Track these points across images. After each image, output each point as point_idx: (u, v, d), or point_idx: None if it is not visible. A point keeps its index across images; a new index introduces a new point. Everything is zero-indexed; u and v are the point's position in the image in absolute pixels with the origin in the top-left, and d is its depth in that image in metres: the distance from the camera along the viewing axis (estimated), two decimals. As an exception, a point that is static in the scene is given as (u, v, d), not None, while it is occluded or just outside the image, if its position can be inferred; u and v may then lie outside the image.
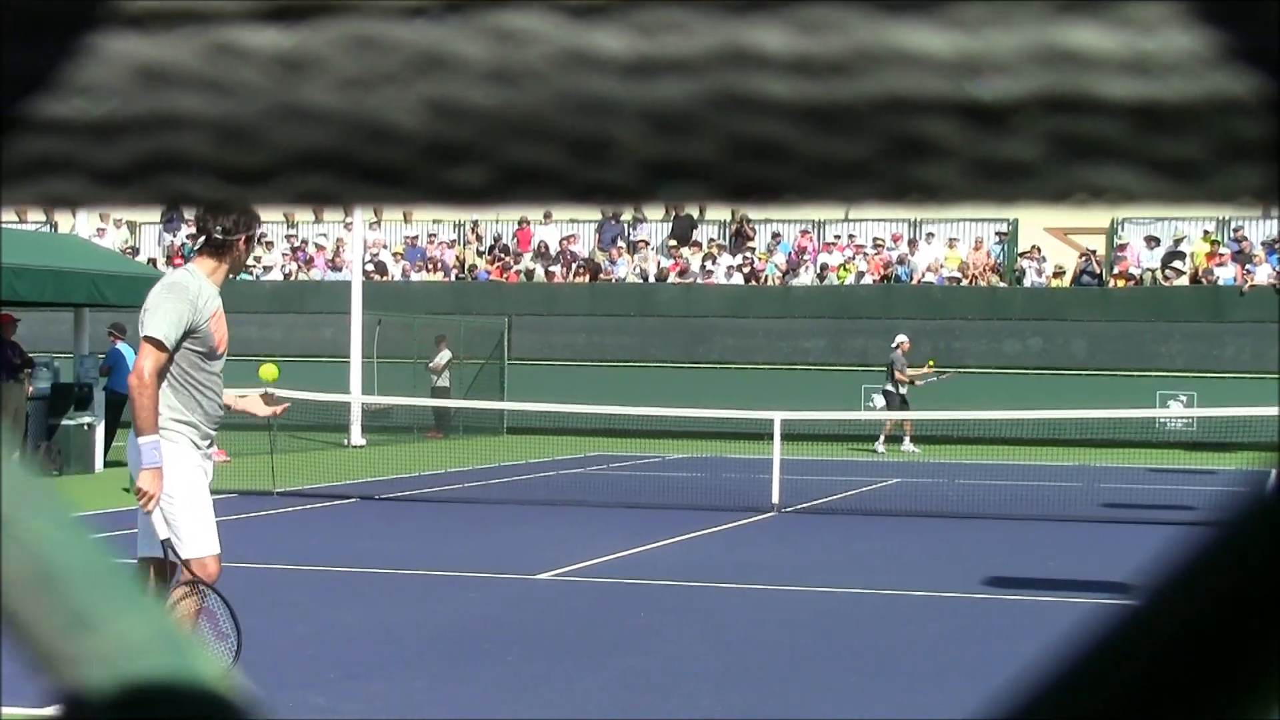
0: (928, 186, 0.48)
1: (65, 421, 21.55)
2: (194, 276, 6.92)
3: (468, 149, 0.47)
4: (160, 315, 6.75)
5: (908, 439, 27.97)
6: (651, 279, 34.39)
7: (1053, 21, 0.42)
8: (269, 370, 6.92)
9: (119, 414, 22.53)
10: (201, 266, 6.93)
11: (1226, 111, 0.43)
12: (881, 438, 28.01)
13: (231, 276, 7.08)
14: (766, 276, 34.16)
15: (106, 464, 21.99)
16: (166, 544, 6.71)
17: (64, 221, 31.93)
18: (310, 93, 0.45)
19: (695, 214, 38.01)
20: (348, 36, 0.44)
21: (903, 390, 28.06)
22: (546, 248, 36.51)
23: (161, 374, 6.74)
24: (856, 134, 0.45)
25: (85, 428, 21.76)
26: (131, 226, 39.90)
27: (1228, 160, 0.45)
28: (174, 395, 6.82)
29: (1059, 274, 33.12)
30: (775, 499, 17.23)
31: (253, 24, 0.45)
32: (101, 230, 36.73)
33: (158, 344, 6.72)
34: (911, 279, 33.37)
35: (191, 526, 6.79)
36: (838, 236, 35.57)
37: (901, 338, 28.65)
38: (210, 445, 7.06)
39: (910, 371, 28.40)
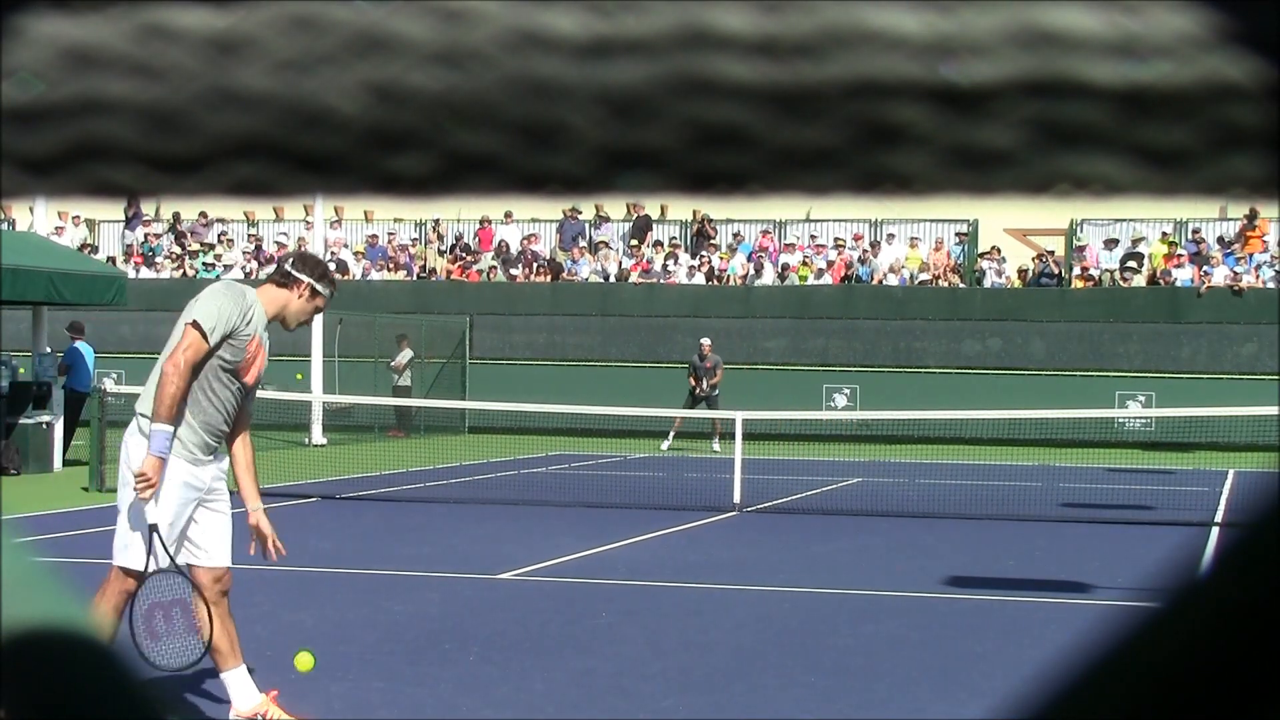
0: (900, 176, 0.46)
1: (23, 420, 21.42)
2: (254, 294, 6.80)
3: (411, 135, 0.44)
4: (210, 307, 6.55)
5: (717, 439, 27.85)
6: (613, 279, 34.39)
7: (1033, 1, 0.41)
8: (305, 661, 6.80)
9: (78, 412, 22.41)
10: (263, 294, 6.80)
11: (1221, 98, 0.41)
12: (713, 441, 27.92)
13: (287, 326, 6.92)
14: (727, 276, 34.21)
15: (65, 463, 21.88)
16: (154, 528, 6.66)
17: (21, 219, 31.73)
18: (244, 76, 0.43)
19: (655, 213, 38.02)
20: (284, 17, 0.42)
21: (702, 390, 28.00)
22: (507, 247, 36.47)
23: (196, 369, 6.55)
24: (824, 120, 0.42)
25: (43, 426, 21.63)
26: (90, 224, 39.69)
27: (1221, 150, 0.42)
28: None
29: (1022, 273, 33.29)
30: (737, 498, 17.27)
31: (184, 4, 0.43)
32: (60, 229, 36.52)
33: (201, 332, 6.50)
34: (872, 279, 33.46)
35: (134, 535, 6.73)
36: (799, 236, 35.64)
37: (704, 340, 28.70)
38: (211, 457, 6.78)
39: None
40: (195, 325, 6.51)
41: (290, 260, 6.85)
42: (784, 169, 0.46)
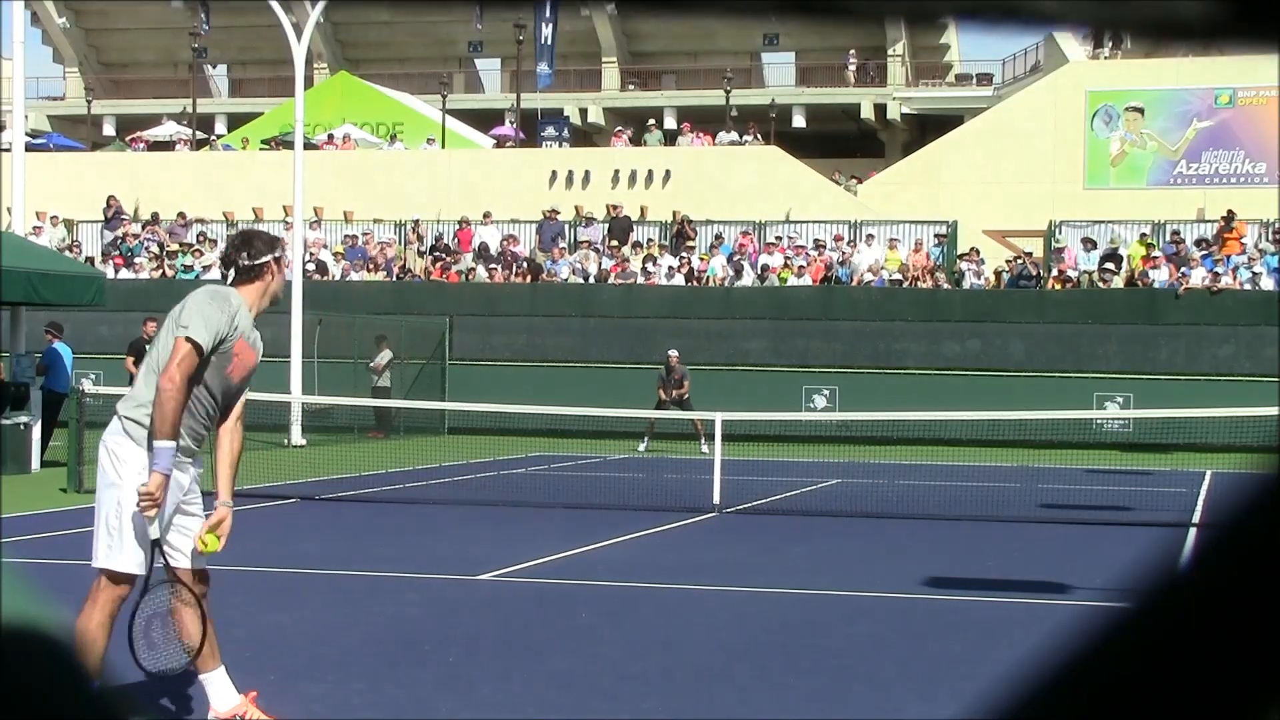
0: None
1: (1, 421, 21.35)
2: (238, 297, 6.75)
3: None
4: (201, 319, 6.51)
5: (703, 440, 27.75)
6: (592, 279, 34.38)
7: None
8: (209, 543, 6.72)
9: (56, 413, 22.35)
10: (244, 294, 6.76)
11: None
12: (699, 441, 27.78)
13: (270, 305, 6.89)
14: (707, 277, 34.22)
15: (43, 464, 21.81)
16: (157, 545, 6.65)
17: None
18: None
19: (635, 214, 38.04)
20: None
21: (669, 401, 27.96)
22: (487, 248, 36.44)
23: (193, 381, 6.53)
24: None
25: (21, 427, 21.56)
26: (69, 224, 39.56)
27: None
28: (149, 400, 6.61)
29: (999, 274, 33.39)
30: (716, 499, 17.28)
31: None
32: (38, 229, 36.39)
33: (196, 347, 6.48)
34: (852, 280, 33.51)
35: (125, 539, 6.70)
36: (779, 238, 35.67)
37: (672, 352, 28.68)
38: (190, 460, 6.73)
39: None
40: (189, 339, 6.50)
41: (244, 254, 6.80)
42: None
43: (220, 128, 59.51)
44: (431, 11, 60.23)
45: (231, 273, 6.84)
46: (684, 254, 35.21)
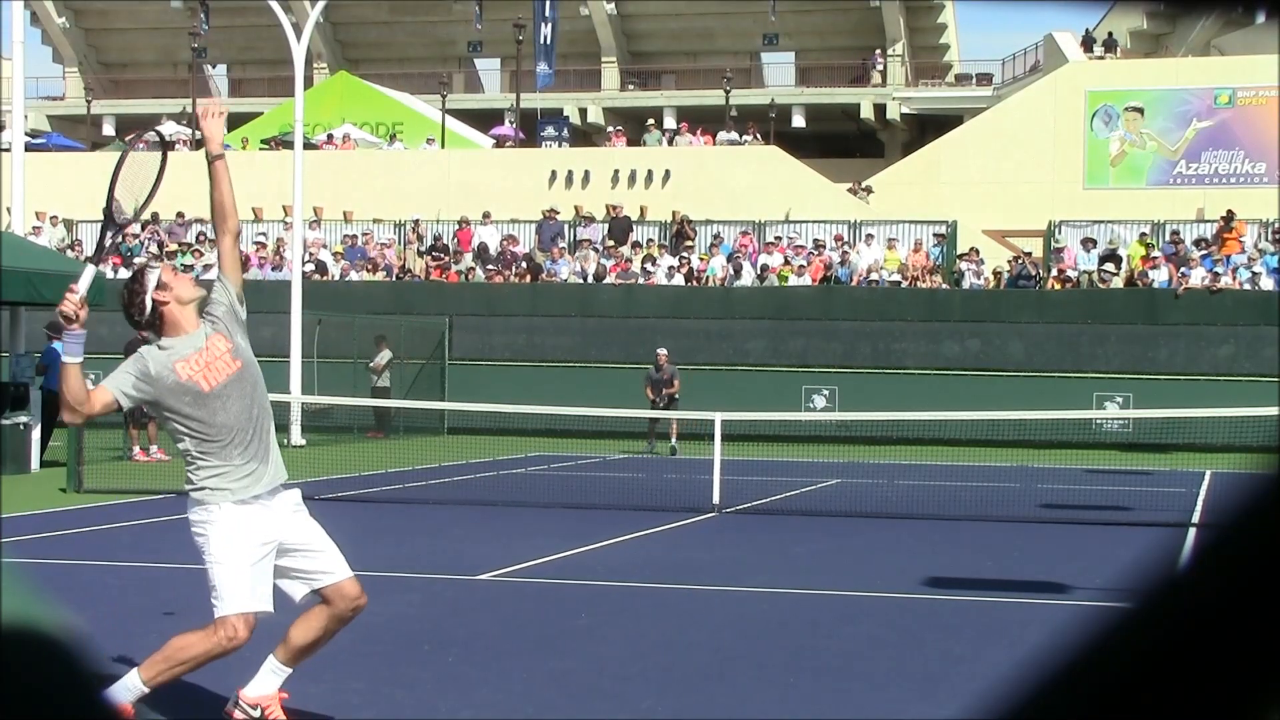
0: None
1: (1, 421, 21.35)
2: (148, 351, 6.64)
3: None
4: (112, 378, 6.60)
5: (674, 438, 27.76)
6: (591, 279, 34.38)
7: None
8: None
9: (56, 413, 22.34)
10: (167, 332, 6.65)
11: None
12: (669, 438, 27.79)
13: (197, 294, 6.70)
14: (707, 277, 34.22)
15: (43, 464, 21.80)
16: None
17: (-1, 219, 31.61)
18: None
19: (635, 214, 38.03)
20: None
21: (660, 402, 27.95)
22: (487, 248, 36.44)
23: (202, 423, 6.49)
24: None
25: (21, 427, 21.56)
26: (69, 225, 39.56)
27: None
28: (197, 461, 6.51)
29: (999, 274, 33.39)
30: (716, 499, 17.27)
31: None
32: (38, 228, 36.39)
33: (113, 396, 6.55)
34: (851, 280, 33.50)
35: (224, 585, 6.53)
36: (778, 238, 35.67)
37: (661, 351, 28.65)
38: (272, 494, 6.60)
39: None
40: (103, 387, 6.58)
41: (133, 312, 6.68)
42: None
43: (220, 128, 59.40)
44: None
45: (147, 332, 6.74)
46: (683, 254, 35.20)
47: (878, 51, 61.22)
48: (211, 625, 6.54)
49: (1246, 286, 31.52)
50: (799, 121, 58.75)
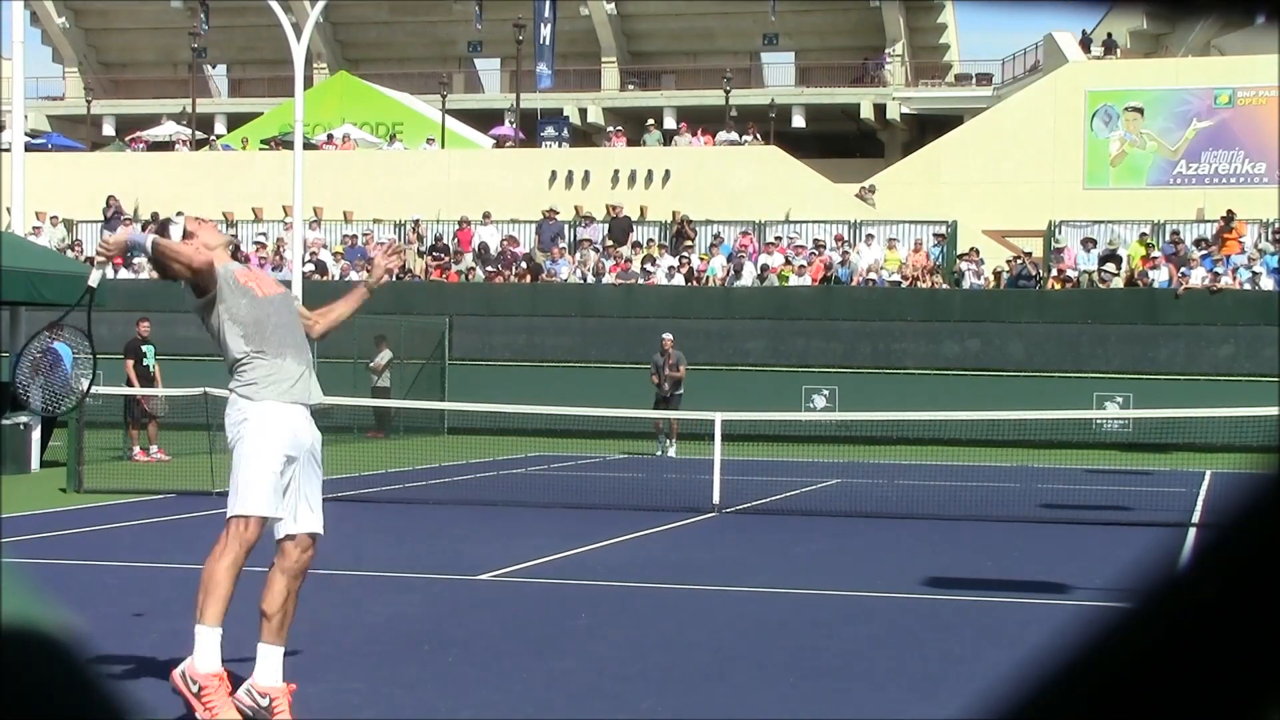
0: None
1: (1, 422, 21.34)
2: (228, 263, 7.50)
3: None
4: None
5: (672, 441, 27.68)
6: (590, 279, 34.38)
7: None
8: None
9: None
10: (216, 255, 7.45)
11: None
12: (668, 439, 27.73)
13: (215, 233, 7.72)
14: (707, 277, 34.22)
15: (43, 464, 21.80)
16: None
17: (-1, 219, 31.61)
18: None
19: (635, 214, 38.04)
20: None
21: (665, 388, 27.91)
22: (487, 248, 36.44)
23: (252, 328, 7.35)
24: None
25: (21, 428, 21.56)
26: (69, 225, 39.56)
27: None
28: (253, 361, 7.28)
29: (999, 274, 33.40)
30: (716, 499, 17.27)
31: None
32: (38, 229, 36.39)
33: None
34: (851, 280, 33.50)
35: (246, 483, 7.05)
36: (778, 238, 35.67)
37: (666, 336, 28.57)
38: (309, 420, 7.52)
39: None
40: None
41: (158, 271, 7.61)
42: None
43: (220, 128, 59.51)
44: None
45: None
46: (684, 254, 35.20)
47: (886, 53, 61.22)
48: (221, 536, 6.94)
49: (1246, 286, 31.53)
50: (799, 121, 58.75)
